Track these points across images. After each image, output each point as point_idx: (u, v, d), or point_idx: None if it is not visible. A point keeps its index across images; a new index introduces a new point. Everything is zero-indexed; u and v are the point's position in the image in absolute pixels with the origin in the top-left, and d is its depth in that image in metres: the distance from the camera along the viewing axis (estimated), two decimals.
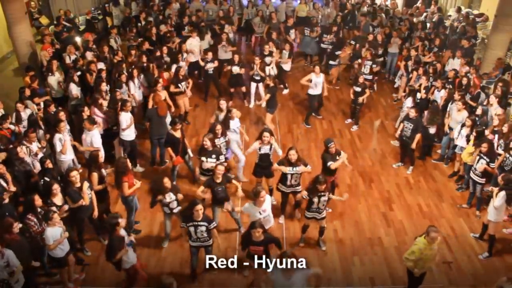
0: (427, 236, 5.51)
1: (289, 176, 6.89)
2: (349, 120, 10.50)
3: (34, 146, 7.27)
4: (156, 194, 6.38)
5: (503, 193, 6.54)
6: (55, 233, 5.63)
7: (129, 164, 6.83)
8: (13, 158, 6.73)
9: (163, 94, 8.94)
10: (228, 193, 6.79)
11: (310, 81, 9.85)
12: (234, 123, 8.16)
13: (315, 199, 6.40)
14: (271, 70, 10.69)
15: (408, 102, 9.35)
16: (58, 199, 6.19)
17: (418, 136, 8.33)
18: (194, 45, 11.24)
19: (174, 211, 6.52)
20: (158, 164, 8.76)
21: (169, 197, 6.38)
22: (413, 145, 8.42)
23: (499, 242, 7.11)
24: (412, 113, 8.31)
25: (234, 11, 13.78)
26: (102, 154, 7.39)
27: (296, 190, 7.08)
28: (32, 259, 5.76)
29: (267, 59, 10.64)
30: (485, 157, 7.23)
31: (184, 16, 13.06)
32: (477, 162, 7.34)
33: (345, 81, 12.27)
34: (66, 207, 6.20)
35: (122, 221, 5.64)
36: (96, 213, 6.58)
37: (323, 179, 6.30)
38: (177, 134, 7.68)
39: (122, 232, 5.64)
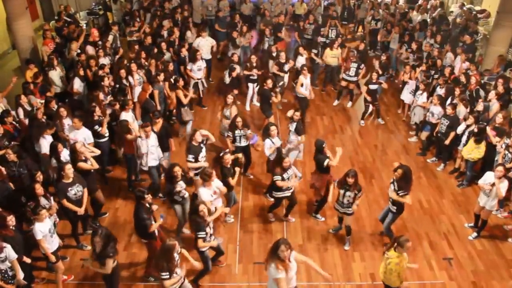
0: (399, 247, 5.23)
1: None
2: (362, 122, 10.38)
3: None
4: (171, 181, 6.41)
5: (506, 183, 6.62)
6: (44, 227, 5.59)
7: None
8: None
9: (181, 91, 9.03)
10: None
11: (302, 84, 9.72)
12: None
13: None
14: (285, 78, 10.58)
15: (423, 97, 9.30)
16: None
17: (453, 134, 8.25)
18: (202, 45, 11.09)
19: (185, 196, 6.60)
20: None
21: (180, 186, 6.47)
22: (447, 142, 8.35)
23: (499, 239, 7.14)
24: (449, 110, 8.25)
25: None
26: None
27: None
28: (25, 254, 5.70)
29: (286, 67, 10.50)
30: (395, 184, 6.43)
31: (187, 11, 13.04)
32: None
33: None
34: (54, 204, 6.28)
35: (148, 197, 5.89)
36: (82, 210, 6.46)
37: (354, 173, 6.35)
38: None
39: (154, 207, 6.05)
